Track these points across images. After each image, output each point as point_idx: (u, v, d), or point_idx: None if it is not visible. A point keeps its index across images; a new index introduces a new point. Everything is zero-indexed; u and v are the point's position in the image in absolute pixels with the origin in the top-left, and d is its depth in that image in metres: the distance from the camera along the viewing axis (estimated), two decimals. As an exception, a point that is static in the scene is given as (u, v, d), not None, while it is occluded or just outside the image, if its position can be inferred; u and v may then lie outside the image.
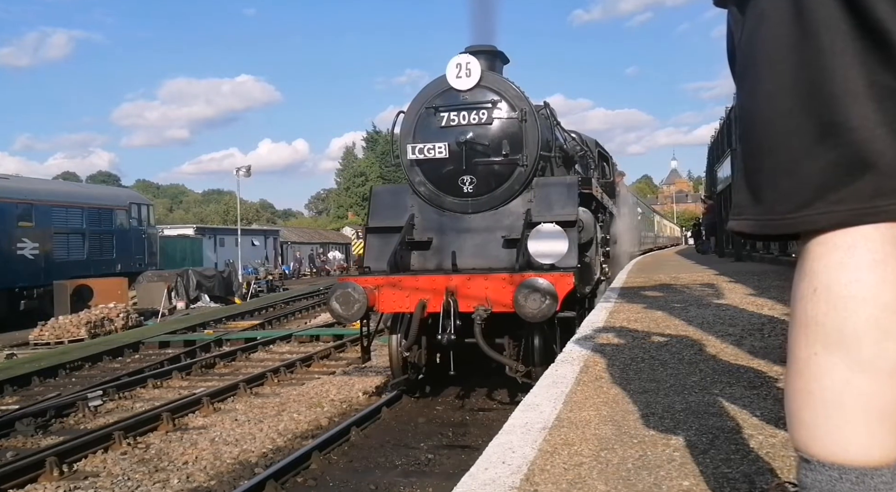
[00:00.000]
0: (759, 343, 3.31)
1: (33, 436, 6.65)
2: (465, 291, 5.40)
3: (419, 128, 6.51)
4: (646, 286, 7.39)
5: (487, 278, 5.43)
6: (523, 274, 5.34)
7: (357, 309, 5.52)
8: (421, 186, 6.58)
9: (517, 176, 6.32)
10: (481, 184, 6.36)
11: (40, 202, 18.74)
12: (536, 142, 6.29)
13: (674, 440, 1.87)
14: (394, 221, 6.64)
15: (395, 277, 5.82)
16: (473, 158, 6.24)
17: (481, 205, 6.44)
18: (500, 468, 1.73)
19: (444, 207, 6.55)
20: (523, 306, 5.07)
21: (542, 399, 2.43)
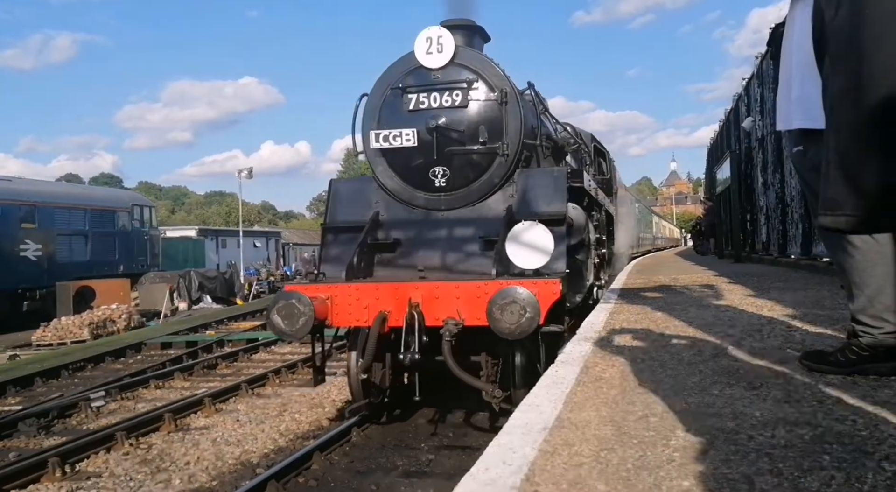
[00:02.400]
0: (758, 344, 3.32)
1: (36, 436, 6.67)
2: (433, 302, 4.65)
3: (384, 112, 5.68)
4: (645, 287, 7.39)
5: (458, 287, 4.66)
6: (500, 281, 4.57)
7: (302, 324, 4.64)
8: (387, 178, 5.74)
9: (497, 167, 5.49)
10: (456, 176, 5.53)
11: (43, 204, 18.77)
12: (519, 128, 5.48)
13: (674, 441, 1.88)
14: (355, 219, 5.77)
15: (350, 284, 4.97)
16: (446, 146, 5.39)
17: (456, 200, 5.60)
18: (500, 469, 1.74)
19: (414, 203, 5.70)
20: (499, 320, 4.30)
21: (542, 400, 2.44)
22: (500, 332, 4.33)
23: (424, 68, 5.52)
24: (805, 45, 2.54)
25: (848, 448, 1.73)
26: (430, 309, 4.63)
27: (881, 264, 2.40)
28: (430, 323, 4.64)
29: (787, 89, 2.63)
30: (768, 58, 11.19)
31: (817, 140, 2.48)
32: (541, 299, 4.35)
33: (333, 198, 6.08)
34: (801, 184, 2.94)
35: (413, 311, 4.62)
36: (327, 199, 6.15)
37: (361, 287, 4.91)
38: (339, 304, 4.88)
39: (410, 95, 5.51)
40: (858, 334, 2.48)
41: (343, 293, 4.90)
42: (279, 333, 4.74)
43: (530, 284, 4.45)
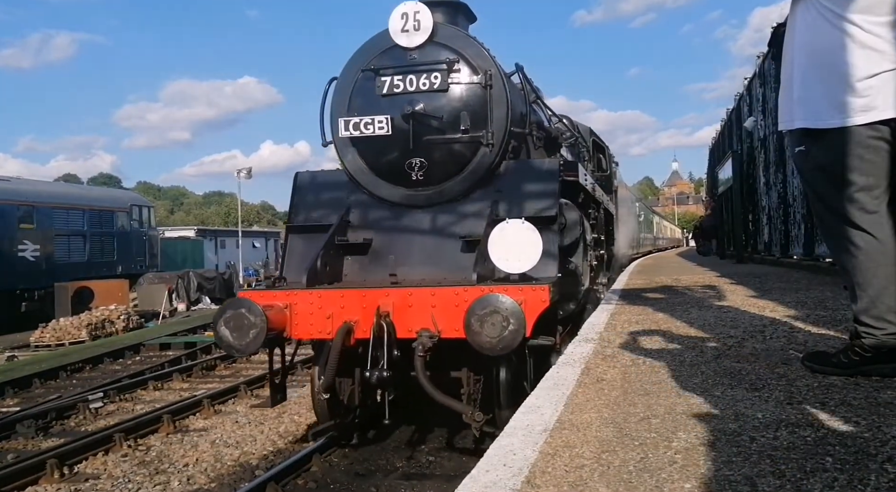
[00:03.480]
0: (760, 345, 3.31)
1: (34, 438, 6.65)
2: (406, 311, 4.10)
3: (355, 97, 5.09)
4: (647, 288, 7.38)
5: (434, 293, 4.09)
6: (481, 287, 4.01)
7: (253, 337, 4.03)
8: (358, 172, 5.16)
9: (481, 158, 4.93)
10: (435, 169, 4.95)
11: (41, 204, 18.76)
12: (505, 114, 4.92)
13: (675, 443, 1.86)
14: (323, 217, 5.20)
15: (312, 291, 4.37)
16: (424, 134, 4.83)
17: (435, 196, 5.03)
18: (501, 471, 1.73)
19: (388, 199, 5.13)
20: (478, 334, 3.74)
21: (543, 401, 2.43)
22: (480, 347, 3.76)
23: (400, 48, 4.93)
24: (806, 45, 2.53)
25: (850, 450, 1.72)
26: (402, 319, 4.09)
27: (884, 265, 2.39)
28: (402, 335, 4.08)
29: (789, 89, 2.62)
30: (770, 57, 11.19)
31: (819, 140, 2.48)
32: (527, 309, 3.81)
33: (299, 193, 5.46)
34: (804, 184, 2.93)
35: (382, 321, 4.04)
36: (292, 194, 5.50)
37: (324, 294, 4.32)
38: (299, 313, 4.30)
39: (384, 78, 4.92)
40: (861, 335, 2.46)
41: (303, 301, 4.31)
42: (226, 347, 4.14)
43: (515, 290, 3.89)
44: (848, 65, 2.38)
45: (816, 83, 2.49)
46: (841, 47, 2.39)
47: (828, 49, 2.44)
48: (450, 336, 4.01)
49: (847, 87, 2.38)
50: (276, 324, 4.20)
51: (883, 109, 2.35)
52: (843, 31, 2.39)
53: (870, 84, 2.35)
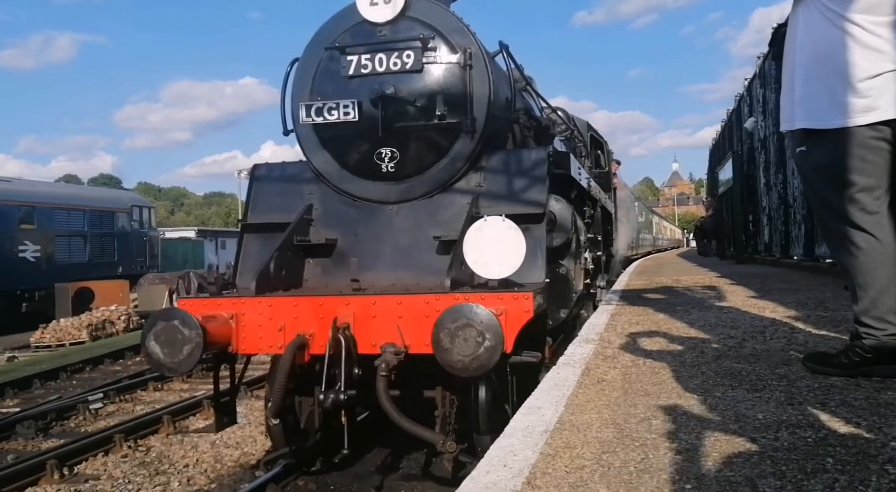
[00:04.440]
0: (761, 346, 3.31)
1: (34, 439, 6.65)
2: (368, 322, 3.58)
3: (319, 79, 4.53)
4: (647, 289, 7.38)
5: (401, 302, 3.55)
6: (455, 295, 3.47)
7: (188, 353, 3.49)
8: (322, 163, 4.59)
9: (460, 147, 4.36)
10: (408, 159, 4.40)
11: (42, 205, 18.76)
12: (487, 97, 4.35)
13: (676, 443, 1.86)
14: (283, 214, 4.59)
15: (262, 299, 3.81)
16: (395, 121, 4.29)
17: (408, 190, 4.46)
18: (501, 471, 1.73)
19: (355, 194, 4.54)
20: (447, 351, 3.20)
21: (543, 402, 2.43)
22: (451, 366, 3.22)
23: (368, 23, 4.39)
24: (808, 45, 2.53)
25: (851, 451, 1.72)
26: (365, 331, 3.58)
27: (885, 266, 2.39)
28: (364, 350, 3.56)
29: (791, 89, 2.62)
30: (770, 58, 11.19)
31: (821, 140, 2.47)
32: (508, 320, 3.30)
33: (256, 188, 4.85)
34: (804, 184, 2.93)
35: (340, 335, 3.51)
36: (248, 188, 4.89)
37: (275, 303, 3.76)
38: (246, 324, 3.75)
39: (351, 58, 4.35)
40: (862, 336, 2.46)
41: (251, 311, 3.76)
42: (156, 366, 3.56)
43: (494, 299, 3.39)
44: (849, 65, 2.38)
45: (818, 83, 2.49)
46: (842, 47, 2.39)
47: (829, 49, 2.44)
48: (419, 352, 3.42)
49: (849, 88, 2.38)
50: (219, 337, 3.64)
51: (885, 110, 2.35)
52: (844, 32, 2.39)
53: (871, 85, 2.35)
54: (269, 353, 3.96)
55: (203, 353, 3.53)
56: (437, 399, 3.84)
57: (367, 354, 3.55)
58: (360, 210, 4.55)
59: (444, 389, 3.85)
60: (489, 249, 3.59)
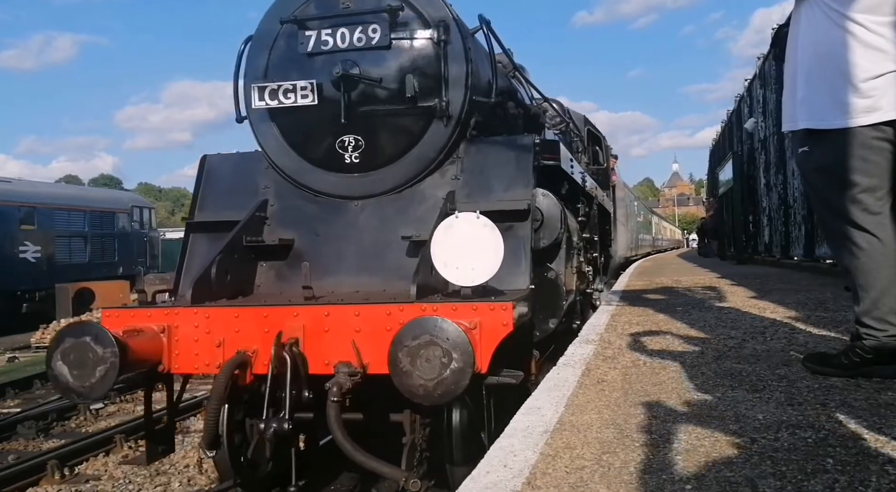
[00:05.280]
0: (761, 346, 3.31)
1: (35, 439, 6.65)
2: (321, 337, 3.09)
3: (274, 57, 4.04)
4: (647, 289, 7.38)
5: (359, 313, 3.05)
6: (421, 305, 2.97)
7: (101, 376, 2.93)
8: (279, 154, 4.08)
9: (433, 135, 3.87)
10: (374, 149, 3.90)
11: (42, 205, 18.77)
12: (464, 78, 3.85)
13: (676, 444, 1.86)
14: (236, 211, 4.05)
15: (197, 310, 3.29)
16: (360, 105, 3.80)
17: (375, 184, 3.95)
18: (501, 472, 1.73)
19: (316, 188, 4.03)
20: (406, 374, 2.70)
21: (543, 402, 2.43)
22: (411, 392, 2.71)
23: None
24: (810, 45, 2.53)
25: (851, 451, 1.72)
26: (316, 347, 3.09)
27: (886, 267, 2.39)
28: (315, 369, 3.07)
29: (793, 90, 2.62)
30: (770, 58, 11.19)
31: (823, 141, 2.47)
32: (483, 335, 2.84)
33: (205, 181, 4.31)
34: (806, 185, 2.93)
35: (286, 352, 3.02)
36: (196, 182, 4.34)
37: (214, 314, 3.24)
38: (180, 339, 3.25)
39: (309, 32, 3.86)
40: (862, 337, 2.46)
41: (186, 323, 3.26)
42: (63, 391, 3.02)
43: (467, 310, 2.90)
44: (852, 65, 2.38)
45: (820, 83, 2.48)
46: (845, 47, 2.39)
47: (832, 49, 2.43)
48: (379, 372, 2.88)
49: (851, 88, 2.38)
50: (145, 355, 3.14)
51: (887, 110, 2.35)
52: (847, 31, 2.39)
53: (874, 85, 2.35)
54: (205, 372, 3.33)
55: (122, 374, 2.98)
56: (405, 424, 3.21)
57: (319, 373, 3.04)
58: (320, 206, 4.03)
59: (413, 412, 3.23)
60: (461, 251, 3.07)
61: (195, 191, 4.32)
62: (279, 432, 3.07)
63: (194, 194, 4.32)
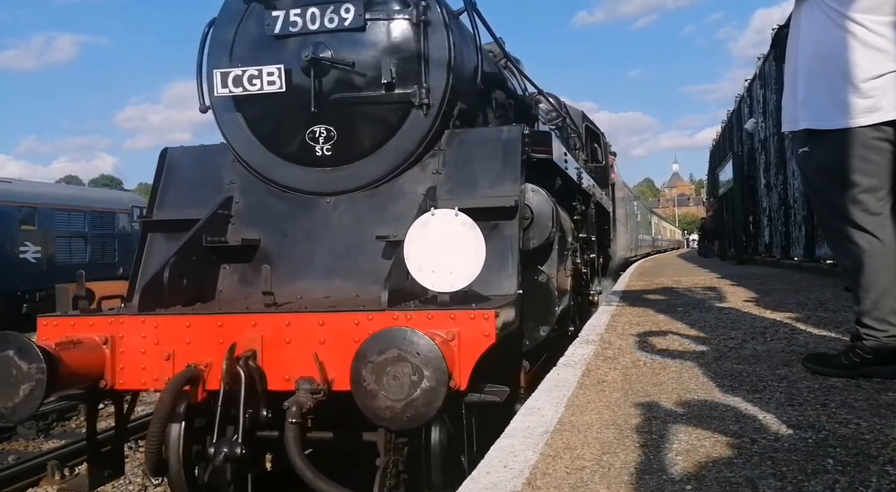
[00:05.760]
0: (761, 347, 3.30)
1: (35, 439, 6.65)
2: (282, 349, 2.78)
3: (239, 40, 3.71)
4: (647, 289, 7.37)
5: (324, 322, 2.74)
6: (394, 314, 2.68)
7: (26, 396, 2.63)
8: (245, 147, 3.76)
9: (412, 126, 3.57)
10: (348, 141, 3.58)
11: (43, 206, 18.78)
12: (446, 63, 3.56)
13: (676, 444, 1.86)
14: (198, 209, 3.72)
15: (144, 318, 2.96)
16: (332, 92, 3.51)
17: (349, 179, 3.63)
18: (501, 472, 1.73)
19: (285, 184, 3.72)
20: (371, 394, 2.38)
21: (543, 403, 2.42)
22: (376, 415, 2.39)
23: None
24: (810, 45, 2.53)
25: (852, 452, 1.72)
26: (276, 360, 2.78)
27: (887, 267, 2.39)
28: (276, 385, 2.76)
29: (793, 90, 2.62)
30: (770, 59, 11.19)
31: (823, 141, 2.47)
32: (461, 347, 2.56)
33: (166, 176, 3.99)
34: (806, 185, 2.93)
35: (240, 366, 2.70)
36: (156, 177, 4.04)
37: (163, 323, 2.93)
38: (125, 351, 2.93)
39: (276, 12, 3.56)
40: (862, 337, 2.46)
41: (132, 333, 2.93)
42: None
43: (444, 319, 2.62)
44: (852, 65, 2.38)
45: (821, 84, 2.48)
46: (845, 47, 2.39)
47: (832, 49, 2.43)
48: (346, 389, 2.53)
49: (851, 88, 2.38)
50: (83, 369, 2.81)
51: (888, 110, 2.35)
52: (847, 31, 2.39)
53: (875, 85, 2.35)
54: (153, 388, 3.01)
55: (53, 392, 2.68)
56: (379, 444, 2.82)
57: (279, 390, 2.73)
58: (289, 203, 3.72)
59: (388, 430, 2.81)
60: (437, 253, 2.75)
61: (154, 186, 4.03)
62: (231, 458, 2.70)
63: (153, 190, 4.03)
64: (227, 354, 2.69)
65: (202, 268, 3.55)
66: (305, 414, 2.61)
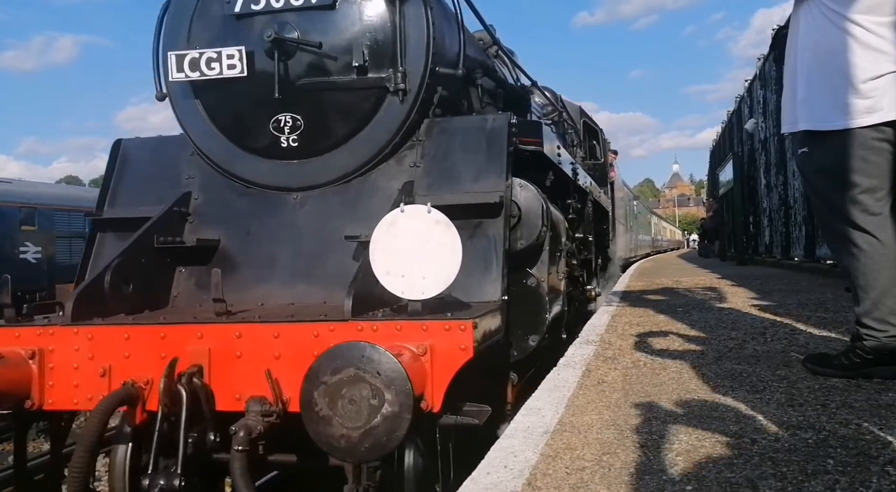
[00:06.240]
0: (761, 347, 3.31)
1: (35, 440, 6.64)
2: (231, 365, 2.45)
3: (197, 20, 3.40)
4: (647, 290, 7.37)
5: (279, 334, 2.42)
6: (359, 324, 2.36)
7: None
8: (204, 137, 3.46)
9: (387, 114, 3.26)
10: (316, 130, 3.27)
11: (43, 206, 18.80)
12: (425, 45, 3.24)
13: (676, 445, 1.86)
14: (153, 205, 3.39)
15: (77, 328, 2.62)
16: (299, 77, 3.19)
17: (318, 173, 3.32)
18: (502, 473, 1.73)
19: (248, 178, 3.40)
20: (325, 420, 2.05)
21: (543, 403, 2.42)
22: (329, 445, 2.06)
23: None
24: (810, 46, 2.53)
25: (852, 452, 1.72)
26: (226, 378, 2.44)
27: (887, 268, 2.39)
28: (225, 406, 2.43)
29: (793, 91, 2.62)
30: (770, 59, 11.20)
31: (823, 142, 2.47)
32: (434, 363, 2.25)
33: (119, 170, 3.64)
34: (806, 186, 2.93)
35: (181, 385, 2.35)
36: (107, 170, 3.69)
37: (99, 334, 2.58)
38: (55, 366, 2.59)
39: None
40: (863, 337, 2.46)
41: (63, 346, 2.59)
42: None
43: (414, 331, 2.29)
44: (852, 66, 2.38)
45: (820, 85, 2.49)
46: (845, 48, 2.39)
47: (831, 50, 2.44)
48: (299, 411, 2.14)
49: (851, 89, 2.38)
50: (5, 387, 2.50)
51: (888, 111, 2.35)
52: (846, 32, 2.39)
53: (874, 85, 2.35)
54: (87, 409, 2.60)
55: None
56: (347, 470, 2.48)
57: (230, 410, 2.40)
58: (253, 200, 3.40)
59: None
60: (407, 255, 2.41)
61: (105, 181, 3.67)
62: (167, 490, 2.36)
63: (103, 185, 3.65)
64: (165, 372, 2.38)
65: (153, 271, 3.20)
66: (255, 440, 2.29)
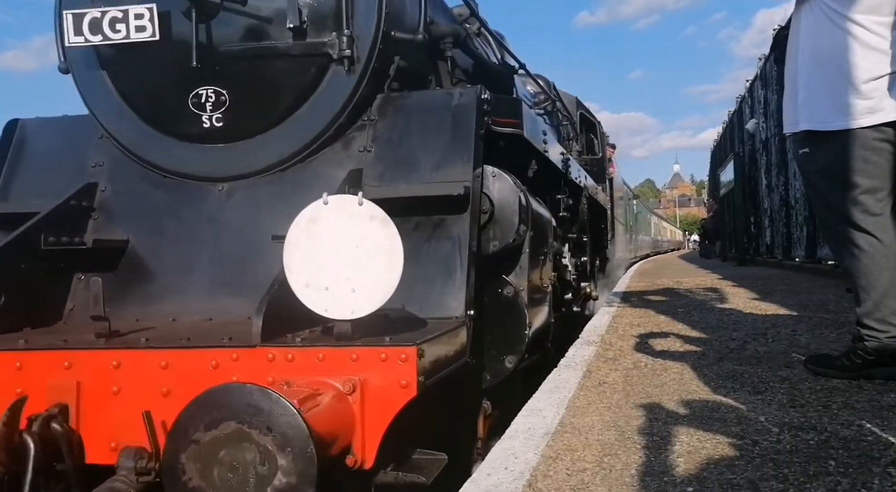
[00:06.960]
0: (763, 348, 3.30)
1: (36, 440, 6.65)
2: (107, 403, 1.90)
3: None
4: (648, 290, 7.37)
5: (169, 364, 1.89)
6: (269, 350, 1.84)
7: None
8: (110, 116, 2.87)
9: (331, 88, 2.68)
10: (243, 107, 2.68)
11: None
12: (377, 4, 2.67)
13: (677, 446, 1.86)
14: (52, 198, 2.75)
15: None
16: (222, 43, 2.62)
17: (246, 159, 2.74)
18: (502, 474, 1.72)
19: (164, 166, 2.82)
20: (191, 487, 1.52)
21: (544, 404, 2.42)
22: None
23: None
24: (810, 46, 2.52)
25: (854, 454, 1.72)
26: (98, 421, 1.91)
27: (888, 268, 2.39)
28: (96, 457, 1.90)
29: (794, 91, 2.62)
30: (771, 60, 11.19)
31: (824, 142, 2.47)
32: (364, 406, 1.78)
33: (13, 157, 3.02)
34: (807, 186, 2.93)
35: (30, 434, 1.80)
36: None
37: None
38: None
39: None
40: (864, 338, 2.46)
41: None
42: None
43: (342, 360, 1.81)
44: (853, 66, 2.38)
45: (821, 85, 2.48)
46: (846, 48, 2.39)
47: (832, 50, 2.43)
48: None
49: (852, 89, 2.38)
50: None
51: (888, 111, 2.35)
52: (847, 32, 2.39)
53: (875, 86, 2.35)
54: None
55: None
56: None
57: (103, 464, 1.87)
58: (170, 192, 2.81)
59: None
60: (333, 262, 1.82)
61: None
62: None
63: None
64: (5, 416, 1.81)
65: (38, 280, 2.60)
66: None
